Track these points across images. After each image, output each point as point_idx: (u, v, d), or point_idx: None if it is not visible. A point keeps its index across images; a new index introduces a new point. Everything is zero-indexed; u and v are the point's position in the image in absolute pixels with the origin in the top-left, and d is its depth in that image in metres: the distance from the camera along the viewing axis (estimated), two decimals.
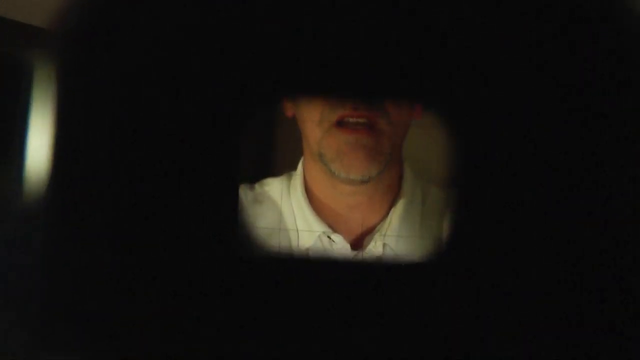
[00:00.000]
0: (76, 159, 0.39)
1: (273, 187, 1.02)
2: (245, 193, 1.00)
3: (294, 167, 1.02)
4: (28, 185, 0.39)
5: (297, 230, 0.97)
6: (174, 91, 0.39)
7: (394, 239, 0.95)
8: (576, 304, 0.37)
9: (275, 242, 0.95)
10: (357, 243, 0.97)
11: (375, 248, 0.95)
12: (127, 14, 0.39)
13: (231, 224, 0.40)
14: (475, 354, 0.37)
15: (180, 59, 0.39)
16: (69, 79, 0.39)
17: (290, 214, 0.99)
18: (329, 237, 0.96)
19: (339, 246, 0.96)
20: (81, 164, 0.39)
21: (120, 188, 0.40)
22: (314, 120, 0.90)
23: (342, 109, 0.89)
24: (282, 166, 1.02)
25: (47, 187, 0.39)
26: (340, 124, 0.90)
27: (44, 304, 0.39)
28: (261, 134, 0.92)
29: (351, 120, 0.89)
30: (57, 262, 0.39)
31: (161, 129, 0.39)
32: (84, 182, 0.40)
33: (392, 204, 0.98)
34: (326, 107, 0.89)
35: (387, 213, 0.97)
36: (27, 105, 0.40)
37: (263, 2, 0.39)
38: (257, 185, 1.03)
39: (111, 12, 0.39)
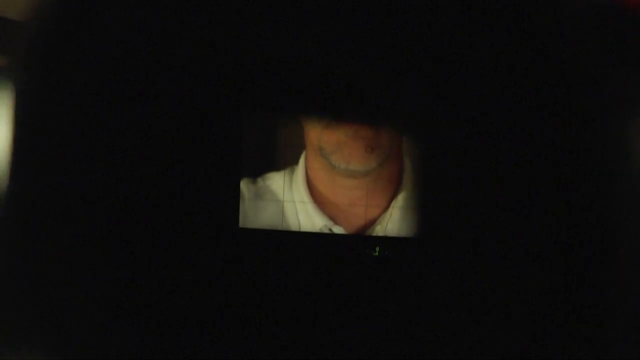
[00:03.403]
0: (72, 157, 0.39)
1: (275, 181, 1.03)
2: (247, 187, 1.00)
3: (296, 161, 1.02)
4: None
5: (299, 224, 0.99)
6: (175, 89, 0.40)
7: (394, 231, 0.96)
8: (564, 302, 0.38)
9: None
10: None
11: None
12: (119, 10, 0.39)
13: (232, 217, 0.41)
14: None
15: (183, 58, 0.40)
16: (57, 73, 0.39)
17: (292, 208, 1.00)
18: (330, 230, 0.98)
19: None
20: (81, 162, 0.40)
21: (122, 185, 0.40)
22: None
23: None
24: (284, 160, 1.02)
25: (46, 186, 0.39)
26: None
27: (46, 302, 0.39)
28: (263, 128, 0.93)
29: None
30: (55, 260, 0.39)
31: (162, 126, 0.40)
32: (84, 180, 0.40)
33: (392, 197, 0.99)
34: None
35: (388, 206, 0.98)
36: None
37: (266, 4, 0.39)
38: (259, 179, 1.04)
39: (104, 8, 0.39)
